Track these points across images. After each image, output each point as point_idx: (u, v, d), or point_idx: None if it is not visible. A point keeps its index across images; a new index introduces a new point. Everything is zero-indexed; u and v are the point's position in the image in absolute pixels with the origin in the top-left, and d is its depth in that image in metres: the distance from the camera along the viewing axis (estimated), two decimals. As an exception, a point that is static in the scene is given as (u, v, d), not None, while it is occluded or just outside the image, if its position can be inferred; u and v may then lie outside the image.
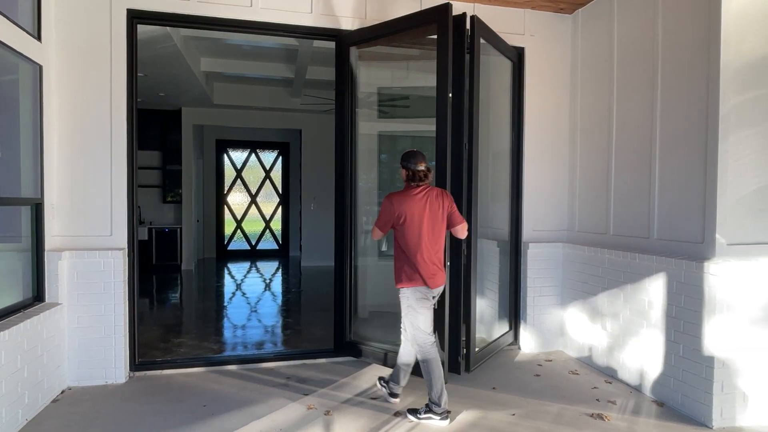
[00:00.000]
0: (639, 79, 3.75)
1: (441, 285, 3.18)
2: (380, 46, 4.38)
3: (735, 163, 3.06)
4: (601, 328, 3.95)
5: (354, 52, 4.19)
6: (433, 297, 3.17)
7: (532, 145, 4.49)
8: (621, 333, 3.74)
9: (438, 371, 3.08)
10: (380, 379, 3.48)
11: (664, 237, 3.50)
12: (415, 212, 3.07)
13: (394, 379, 3.35)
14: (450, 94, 3.52)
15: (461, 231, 3.23)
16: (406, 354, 3.28)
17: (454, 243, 3.77)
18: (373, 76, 4.85)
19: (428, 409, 3.08)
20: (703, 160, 3.16)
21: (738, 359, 3.03)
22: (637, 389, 3.58)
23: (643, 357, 3.53)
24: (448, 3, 3.49)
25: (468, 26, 3.74)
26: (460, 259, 3.79)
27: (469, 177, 3.82)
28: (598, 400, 3.42)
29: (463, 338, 3.85)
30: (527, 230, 4.49)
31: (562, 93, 4.55)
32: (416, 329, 3.12)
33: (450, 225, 3.21)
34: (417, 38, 4.05)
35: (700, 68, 3.19)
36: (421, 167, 3.11)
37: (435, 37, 3.60)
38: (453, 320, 3.79)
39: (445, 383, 3.16)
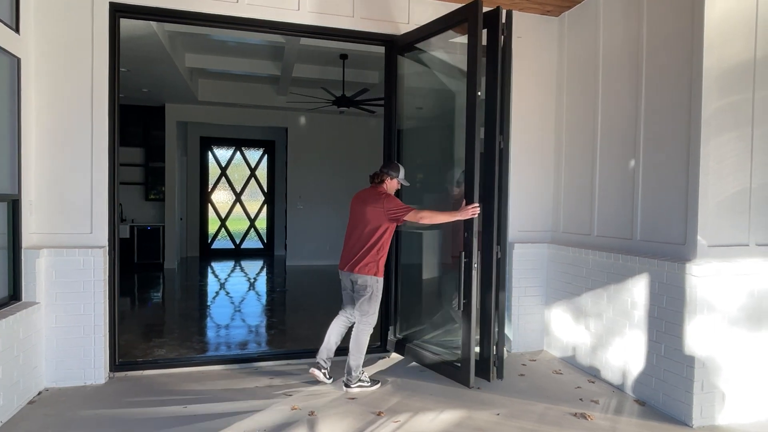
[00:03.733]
0: (623, 82, 3.79)
1: (348, 271, 3.53)
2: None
3: (716, 166, 3.11)
4: (585, 328, 3.99)
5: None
6: (352, 281, 3.55)
7: (518, 146, 4.51)
8: (604, 333, 3.78)
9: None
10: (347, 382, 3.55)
11: (646, 238, 3.55)
12: (354, 206, 3.67)
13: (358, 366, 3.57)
14: (479, 93, 3.51)
15: (420, 220, 3.50)
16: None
17: (486, 245, 3.68)
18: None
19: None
20: (686, 162, 3.21)
21: (717, 359, 3.08)
22: (620, 388, 3.62)
23: (625, 357, 3.57)
24: (477, 0, 3.46)
25: (503, 20, 3.66)
26: (492, 261, 3.70)
27: (500, 175, 3.74)
28: (581, 399, 3.46)
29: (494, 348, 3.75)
30: (512, 231, 4.51)
31: (547, 95, 4.58)
32: None
33: (393, 221, 3.53)
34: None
35: (683, 72, 3.23)
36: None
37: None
38: (484, 324, 3.71)
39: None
